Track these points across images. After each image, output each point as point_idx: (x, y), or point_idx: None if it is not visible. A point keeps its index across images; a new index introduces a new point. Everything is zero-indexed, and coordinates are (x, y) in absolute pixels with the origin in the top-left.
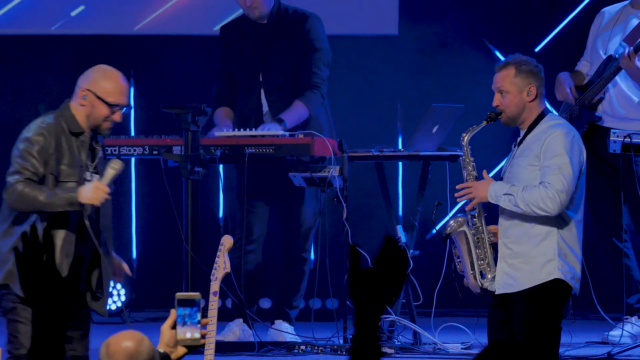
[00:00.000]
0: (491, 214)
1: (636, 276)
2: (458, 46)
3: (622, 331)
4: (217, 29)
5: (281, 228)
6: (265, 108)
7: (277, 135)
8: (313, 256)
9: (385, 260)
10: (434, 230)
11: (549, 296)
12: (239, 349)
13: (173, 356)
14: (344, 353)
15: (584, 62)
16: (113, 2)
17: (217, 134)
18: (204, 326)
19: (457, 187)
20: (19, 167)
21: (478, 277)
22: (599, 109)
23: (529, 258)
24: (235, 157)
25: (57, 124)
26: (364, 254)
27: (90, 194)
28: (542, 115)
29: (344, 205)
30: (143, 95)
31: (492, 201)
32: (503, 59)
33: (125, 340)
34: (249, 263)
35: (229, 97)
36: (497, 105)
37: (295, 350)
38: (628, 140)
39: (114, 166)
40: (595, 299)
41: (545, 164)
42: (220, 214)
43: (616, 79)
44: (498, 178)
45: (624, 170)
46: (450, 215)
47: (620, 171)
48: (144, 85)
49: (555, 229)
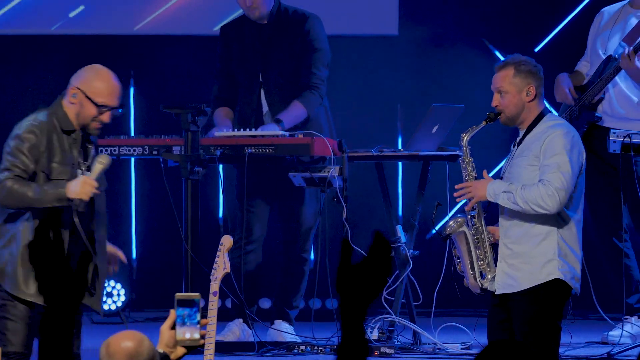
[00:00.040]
0: (491, 214)
1: (636, 276)
2: (458, 46)
3: (622, 331)
4: (217, 29)
5: (281, 228)
6: (266, 108)
7: (277, 135)
8: (313, 256)
9: (374, 256)
10: (434, 231)
11: (549, 296)
12: (238, 349)
13: (172, 356)
14: None
15: (583, 62)
16: (113, 2)
17: (217, 134)
18: (203, 326)
19: (456, 187)
20: (9, 164)
21: (478, 278)
22: (599, 109)
23: (529, 258)
24: (235, 157)
25: (49, 122)
26: (359, 250)
27: (78, 189)
28: (542, 115)
29: (344, 205)
30: (143, 95)
31: (491, 199)
32: (503, 59)
33: (126, 341)
34: (249, 263)
35: (229, 97)
36: (496, 106)
37: (295, 350)
38: (628, 140)
39: (101, 161)
40: (595, 299)
41: (545, 162)
42: (220, 214)
43: (616, 79)
44: (497, 178)
45: (624, 170)
46: (449, 215)
47: (620, 171)
48: (144, 85)
49: (555, 229)
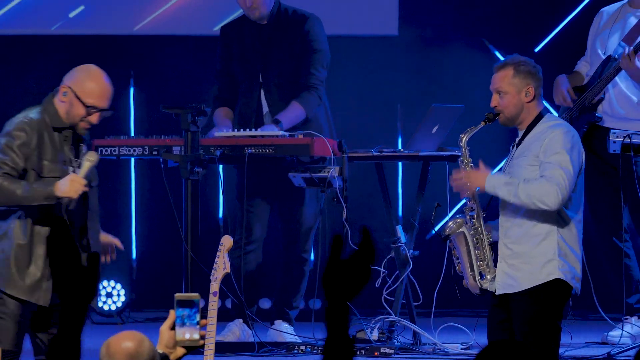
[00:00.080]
0: (491, 215)
1: (636, 276)
2: (458, 46)
3: (622, 331)
4: (217, 29)
5: (281, 228)
6: (266, 109)
7: (277, 136)
8: (313, 256)
9: (359, 252)
10: (433, 231)
11: (549, 296)
12: (238, 349)
13: (172, 357)
14: None
15: (583, 63)
16: (113, 2)
17: (217, 134)
18: (203, 327)
19: (453, 175)
20: None
21: (477, 278)
22: (599, 110)
23: (529, 258)
24: (235, 158)
25: (40, 119)
26: (353, 246)
27: (67, 187)
28: (541, 115)
29: (344, 205)
30: (143, 95)
31: (490, 191)
32: (502, 59)
33: (126, 341)
34: (249, 263)
35: (229, 98)
36: (496, 106)
37: (295, 351)
38: (628, 140)
39: (89, 158)
40: (595, 299)
41: (546, 160)
42: (220, 214)
43: (616, 79)
44: None
45: (624, 171)
46: (449, 216)
47: (620, 171)
48: (144, 85)
49: (556, 228)
